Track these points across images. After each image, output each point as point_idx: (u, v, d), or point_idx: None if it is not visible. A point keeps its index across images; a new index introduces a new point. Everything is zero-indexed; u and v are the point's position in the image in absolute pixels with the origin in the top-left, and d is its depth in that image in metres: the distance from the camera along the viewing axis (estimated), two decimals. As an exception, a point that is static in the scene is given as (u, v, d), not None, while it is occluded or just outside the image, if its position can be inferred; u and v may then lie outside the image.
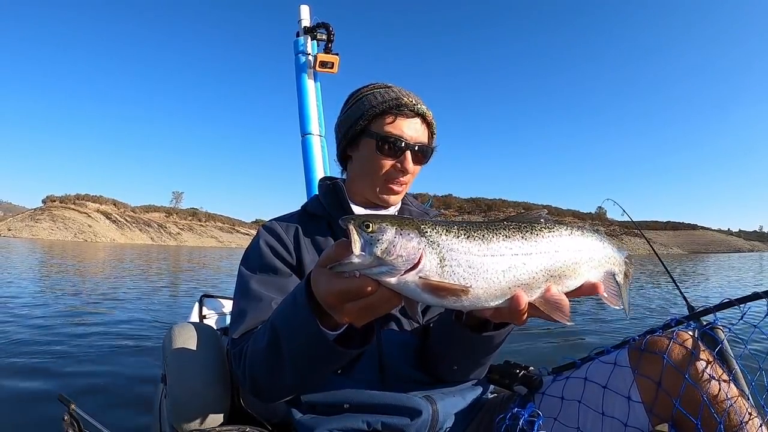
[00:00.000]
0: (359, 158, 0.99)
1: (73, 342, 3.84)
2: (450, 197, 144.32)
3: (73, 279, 9.75)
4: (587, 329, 4.96)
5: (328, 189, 1.03)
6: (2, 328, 4.26)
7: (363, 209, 1.01)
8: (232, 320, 0.89)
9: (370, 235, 0.46)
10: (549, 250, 0.51)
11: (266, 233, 0.98)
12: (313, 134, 2.25)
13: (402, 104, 0.93)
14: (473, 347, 0.82)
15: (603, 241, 0.57)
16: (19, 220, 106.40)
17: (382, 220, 0.48)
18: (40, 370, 3.00)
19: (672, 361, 0.81)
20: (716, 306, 0.96)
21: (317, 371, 0.72)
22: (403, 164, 0.94)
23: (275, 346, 0.69)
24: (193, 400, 1.05)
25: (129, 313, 5.46)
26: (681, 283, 8.70)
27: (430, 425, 0.85)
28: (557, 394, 0.93)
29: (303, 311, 0.61)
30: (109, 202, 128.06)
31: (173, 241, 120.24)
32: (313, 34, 2.30)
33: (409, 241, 0.46)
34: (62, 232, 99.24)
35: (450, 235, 0.48)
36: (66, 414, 0.99)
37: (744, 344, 0.88)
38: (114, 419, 2.14)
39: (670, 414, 0.79)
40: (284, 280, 0.91)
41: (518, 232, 0.50)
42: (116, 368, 3.12)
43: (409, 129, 0.94)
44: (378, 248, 0.46)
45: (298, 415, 0.90)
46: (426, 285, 0.46)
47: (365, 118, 0.94)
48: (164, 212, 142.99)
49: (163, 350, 1.13)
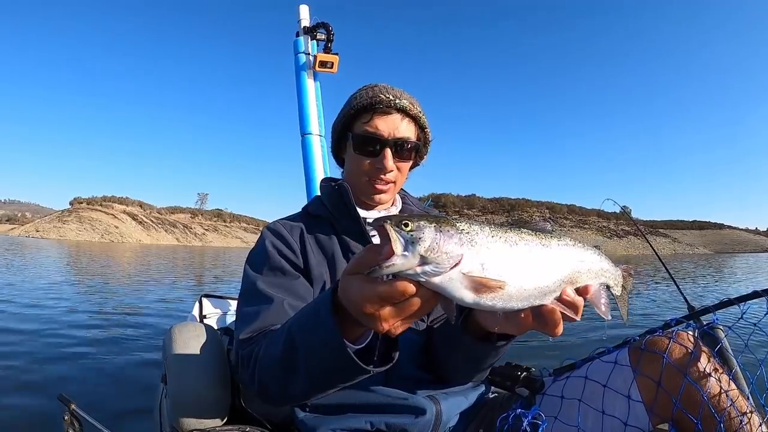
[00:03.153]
0: (347, 160, 1.01)
1: (73, 342, 3.84)
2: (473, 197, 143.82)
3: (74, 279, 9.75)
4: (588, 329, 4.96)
5: (332, 190, 1.02)
6: (2, 328, 4.25)
7: (364, 210, 1.01)
8: (239, 321, 0.87)
9: (411, 234, 0.45)
10: (561, 259, 0.53)
11: (271, 235, 0.97)
12: (313, 134, 2.25)
13: (378, 101, 0.91)
14: (476, 356, 0.82)
15: (600, 255, 0.60)
16: (47, 222, 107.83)
17: (418, 219, 0.47)
18: (40, 369, 3.00)
19: (672, 360, 0.81)
20: (716, 305, 0.96)
21: (334, 385, 0.69)
22: (382, 162, 0.93)
23: (291, 357, 0.66)
24: (194, 400, 1.05)
25: (130, 313, 5.46)
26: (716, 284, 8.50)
27: (433, 425, 0.85)
28: (557, 393, 0.93)
29: (327, 324, 0.58)
30: (135, 204, 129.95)
31: (198, 241, 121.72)
32: (313, 34, 2.30)
33: (450, 238, 0.46)
34: (89, 233, 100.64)
35: (485, 234, 0.48)
36: (66, 413, 0.99)
37: (744, 343, 0.88)
38: (114, 419, 2.14)
39: (671, 413, 0.79)
40: (292, 281, 0.90)
41: (535, 237, 0.52)
42: (116, 368, 3.12)
43: (385, 125, 0.92)
44: (421, 247, 0.45)
45: (300, 414, 0.89)
46: (470, 281, 0.45)
47: (346, 120, 0.96)
48: (189, 213, 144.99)
49: (164, 350, 1.13)
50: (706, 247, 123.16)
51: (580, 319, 0.53)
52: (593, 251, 0.59)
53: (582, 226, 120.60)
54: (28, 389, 2.60)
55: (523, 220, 0.55)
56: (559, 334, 0.54)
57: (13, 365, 3.07)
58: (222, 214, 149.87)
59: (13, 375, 2.87)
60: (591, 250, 0.59)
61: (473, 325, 0.74)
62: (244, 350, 0.80)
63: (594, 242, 0.61)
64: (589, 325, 5.20)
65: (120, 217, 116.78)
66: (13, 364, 3.10)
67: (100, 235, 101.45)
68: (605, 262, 0.61)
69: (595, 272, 0.58)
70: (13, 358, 3.25)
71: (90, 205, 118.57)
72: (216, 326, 1.56)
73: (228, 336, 1.39)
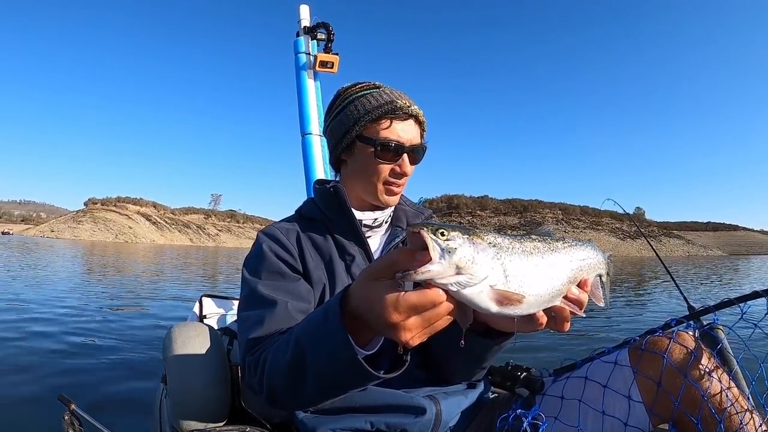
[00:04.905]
0: (355, 162, 0.99)
1: (73, 341, 3.84)
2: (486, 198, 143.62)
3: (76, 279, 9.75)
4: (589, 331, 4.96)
5: (327, 192, 1.01)
6: (2, 327, 4.26)
7: (360, 212, 1.01)
8: (243, 326, 0.86)
9: (447, 243, 0.45)
10: (566, 260, 0.56)
11: (267, 239, 0.96)
12: (313, 134, 2.25)
13: (397, 107, 0.93)
14: (479, 353, 0.82)
15: (596, 249, 0.63)
16: (61, 222, 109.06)
17: (452, 229, 0.47)
18: (40, 369, 3.01)
19: (672, 360, 0.81)
20: (716, 305, 0.96)
21: (344, 391, 0.68)
22: (402, 167, 0.95)
23: (300, 365, 0.66)
24: (194, 400, 1.05)
25: (130, 313, 5.46)
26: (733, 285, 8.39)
27: (433, 425, 0.85)
28: (557, 393, 0.93)
29: (336, 333, 0.56)
30: (149, 205, 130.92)
31: (212, 242, 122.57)
32: (313, 34, 2.30)
33: (483, 251, 0.47)
34: (103, 233, 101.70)
35: (505, 245, 0.49)
36: (66, 413, 0.99)
37: (744, 343, 0.88)
38: (114, 419, 2.14)
39: (671, 414, 0.79)
40: (293, 284, 0.90)
41: (544, 244, 0.54)
42: (116, 368, 3.12)
43: (404, 132, 0.94)
44: (456, 257, 0.45)
45: (300, 414, 0.89)
46: (496, 294, 0.47)
47: (361, 124, 0.94)
48: (203, 214, 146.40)
49: (164, 350, 1.13)
50: (720, 249, 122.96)
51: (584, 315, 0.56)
52: (590, 247, 0.62)
53: (595, 227, 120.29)
54: (28, 389, 2.60)
55: (536, 221, 0.56)
56: (568, 329, 0.56)
57: (13, 365, 3.07)
58: (235, 215, 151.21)
59: (14, 375, 2.87)
60: (589, 246, 0.62)
61: (474, 323, 0.75)
62: (251, 356, 0.79)
63: (608, 244, 0.62)
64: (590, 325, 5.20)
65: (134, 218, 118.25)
66: (13, 364, 3.10)
67: (114, 235, 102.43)
68: (600, 254, 0.64)
69: (594, 266, 0.61)
70: (13, 358, 3.25)
71: (104, 205, 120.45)
72: (216, 326, 1.57)
73: (228, 336, 1.39)
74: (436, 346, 0.89)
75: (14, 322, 4.60)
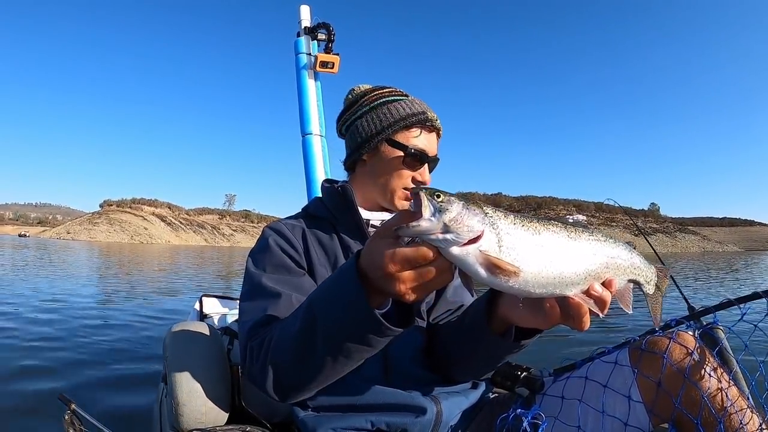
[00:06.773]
0: (377, 164, 1.00)
1: (73, 341, 3.84)
2: (500, 196, 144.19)
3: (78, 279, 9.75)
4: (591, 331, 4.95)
5: (335, 192, 1.02)
6: (3, 327, 4.26)
7: (369, 212, 1.02)
8: (245, 316, 0.85)
9: (440, 204, 0.50)
10: (588, 252, 0.55)
11: (273, 233, 0.97)
12: (314, 134, 2.25)
13: (428, 119, 0.99)
14: (496, 352, 0.82)
15: (631, 252, 0.62)
16: (77, 224, 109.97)
17: (450, 194, 0.51)
18: (40, 369, 3.00)
19: (672, 361, 0.81)
20: (716, 306, 0.96)
21: (351, 356, 0.67)
22: (423, 176, 1.01)
23: (310, 329, 0.66)
24: (194, 400, 1.05)
25: (131, 312, 5.46)
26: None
27: (433, 424, 0.85)
28: (557, 393, 0.93)
29: (350, 285, 0.59)
30: (164, 206, 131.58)
31: (226, 242, 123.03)
32: (314, 35, 2.30)
33: (474, 215, 0.50)
34: (119, 235, 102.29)
35: (507, 220, 0.52)
36: (66, 413, 0.99)
37: (744, 344, 0.88)
38: (114, 419, 2.14)
39: (671, 414, 0.79)
40: (297, 279, 0.90)
41: (564, 231, 0.55)
42: (116, 368, 3.12)
43: (431, 143, 1.01)
44: (446, 216, 0.49)
45: (300, 414, 0.89)
46: (484, 259, 0.49)
47: (394, 128, 0.98)
48: (217, 214, 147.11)
49: (164, 349, 1.13)
50: (736, 245, 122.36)
51: (604, 315, 0.55)
52: (624, 247, 0.61)
53: (609, 224, 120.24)
54: (29, 389, 2.60)
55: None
56: (586, 328, 0.56)
57: (13, 365, 3.07)
58: (250, 215, 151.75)
59: (14, 375, 2.87)
60: (621, 246, 0.60)
61: (496, 321, 0.76)
62: (254, 341, 0.78)
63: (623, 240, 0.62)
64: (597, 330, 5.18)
65: (149, 219, 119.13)
66: (14, 364, 3.10)
67: (130, 236, 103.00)
68: (636, 258, 0.62)
69: (624, 268, 0.60)
70: (13, 358, 3.25)
71: (120, 207, 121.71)
72: (216, 326, 1.57)
73: (228, 336, 1.39)
74: (448, 340, 0.89)
75: (14, 322, 4.60)
